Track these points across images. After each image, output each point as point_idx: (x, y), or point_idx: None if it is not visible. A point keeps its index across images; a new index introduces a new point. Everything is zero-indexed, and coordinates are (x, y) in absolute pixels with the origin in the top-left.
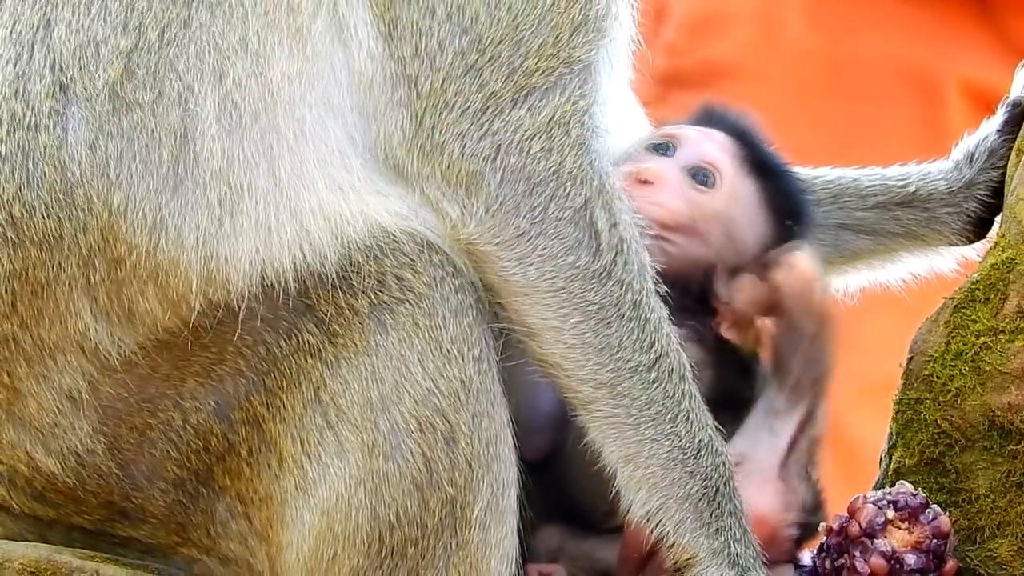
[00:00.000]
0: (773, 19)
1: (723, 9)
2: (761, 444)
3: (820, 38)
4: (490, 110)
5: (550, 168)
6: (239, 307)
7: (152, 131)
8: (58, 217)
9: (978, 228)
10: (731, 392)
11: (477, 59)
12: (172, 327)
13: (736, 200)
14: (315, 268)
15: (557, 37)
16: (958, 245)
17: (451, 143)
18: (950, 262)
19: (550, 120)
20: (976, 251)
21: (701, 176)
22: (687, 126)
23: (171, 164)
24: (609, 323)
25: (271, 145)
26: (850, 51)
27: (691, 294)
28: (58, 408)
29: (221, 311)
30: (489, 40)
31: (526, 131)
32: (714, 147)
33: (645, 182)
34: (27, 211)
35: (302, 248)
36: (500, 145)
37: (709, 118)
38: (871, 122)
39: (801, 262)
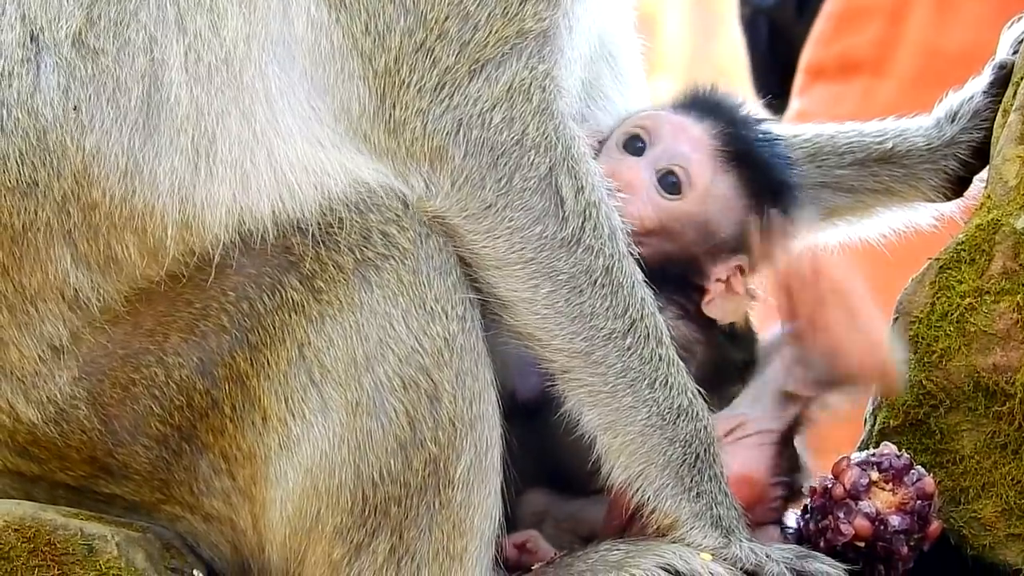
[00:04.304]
0: (902, 13)
1: (862, 2)
2: (764, 413)
3: (948, 32)
4: (447, 85)
5: (513, 138)
6: (218, 255)
7: (119, 77)
8: (32, 163)
9: (956, 186)
10: (727, 362)
11: (425, 37)
12: (153, 275)
13: (709, 199)
14: (296, 217)
15: (505, 10)
16: (935, 202)
17: (412, 120)
18: (927, 218)
19: (509, 88)
20: (957, 206)
21: (669, 181)
22: (666, 114)
23: (141, 108)
24: (581, 291)
25: (239, 96)
26: (977, 45)
27: (670, 278)
28: (39, 356)
29: (200, 259)
30: (434, 18)
31: (486, 102)
32: (687, 146)
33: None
34: (2, 158)
35: (281, 196)
36: (461, 119)
37: (693, 102)
38: None
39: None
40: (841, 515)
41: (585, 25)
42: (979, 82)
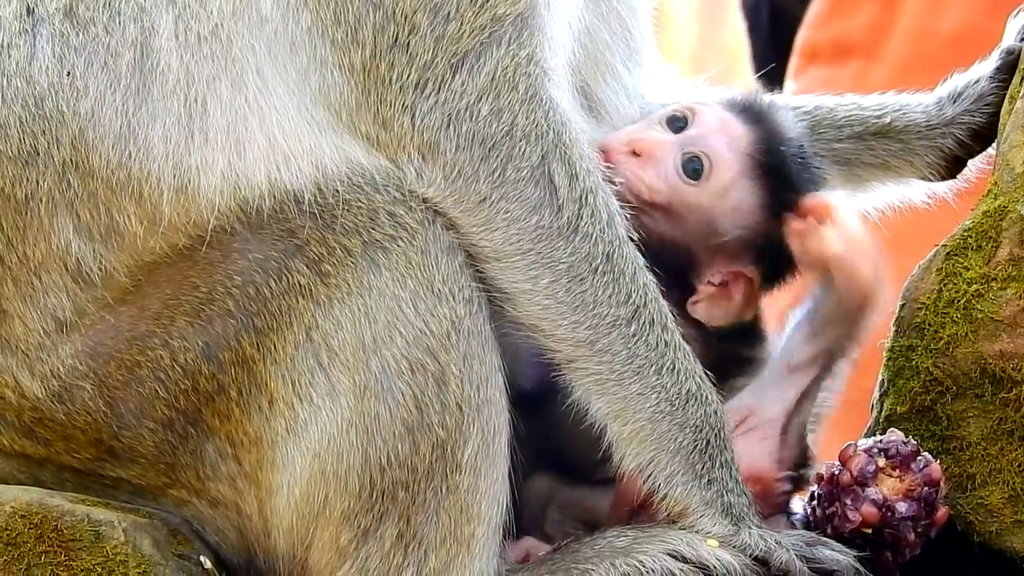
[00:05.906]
0: None
1: None
2: (770, 399)
3: (940, 17)
4: (431, 81)
5: (503, 129)
6: (215, 221)
7: (109, 45)
8: (32, 132)
9: (952, 166)
10: (727, 357)
11: (398, 33)
12: (155, 247)
13: (724, 197)
14: (294, 189)
15: None
16: (929, 180)
17: (400, 116)
18: (920, 195)
19: (493, 78)
20: (949, 187)
21: (692, 165)
22: (716, 107)
23: (133, 74)
24: (582, 279)
25: (229, 66)
26: (969, 30)
27: (663, 266)
28: (43, 329)
29: (199, 228)
30: (403, 13)
31: (471, 95)
32: (724, 140)
33: (635, 153)
34: (2, 127)
35: (277, 166)
36: (450, 114)
37: (745, 107)
38: None
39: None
40: (848, 502)
41: (569, 4)
42: (985, 66)
